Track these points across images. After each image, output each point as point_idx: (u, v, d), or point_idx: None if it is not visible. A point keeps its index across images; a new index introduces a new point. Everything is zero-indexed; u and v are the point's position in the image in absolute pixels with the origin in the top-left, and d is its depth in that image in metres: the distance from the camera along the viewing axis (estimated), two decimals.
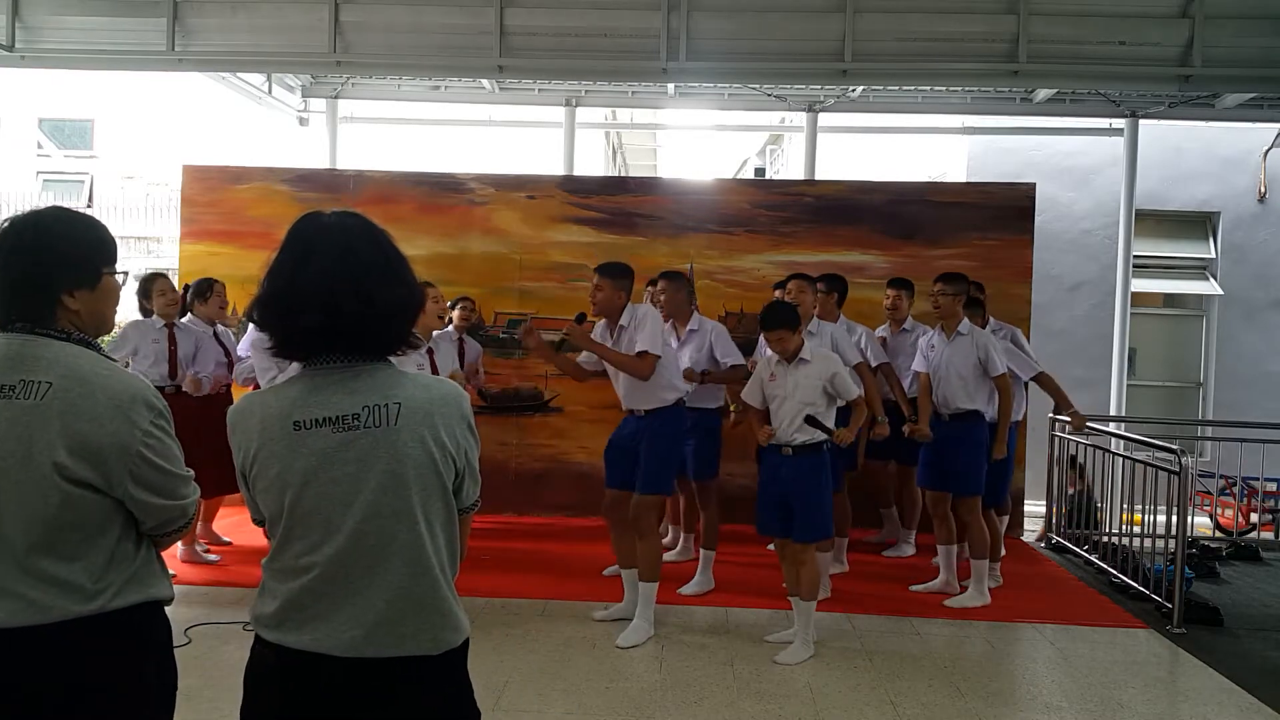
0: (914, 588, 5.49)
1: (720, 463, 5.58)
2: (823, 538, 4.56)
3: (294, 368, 1.77)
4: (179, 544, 5.80)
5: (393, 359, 1.78)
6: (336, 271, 1.68)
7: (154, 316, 5.52)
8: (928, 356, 5.42)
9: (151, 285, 5.57)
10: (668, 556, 5.87)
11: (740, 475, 6.36)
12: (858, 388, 4.62)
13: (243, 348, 5.96)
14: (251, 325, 5.69)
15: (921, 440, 5.38)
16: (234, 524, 6.46)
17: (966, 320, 5.33)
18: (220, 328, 5.90)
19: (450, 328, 6.44)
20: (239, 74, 8.45)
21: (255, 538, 6.29)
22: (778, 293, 5.69)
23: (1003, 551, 5.85)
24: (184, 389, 5.47)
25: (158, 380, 5.47)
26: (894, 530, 6.55)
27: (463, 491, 1.81)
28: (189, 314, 5.77)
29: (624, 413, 4.79)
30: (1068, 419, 6.18)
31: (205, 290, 5.81)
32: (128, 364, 5.49)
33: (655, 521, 4.72)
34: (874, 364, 5.77)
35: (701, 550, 5.50)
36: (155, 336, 5.49)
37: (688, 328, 5.47)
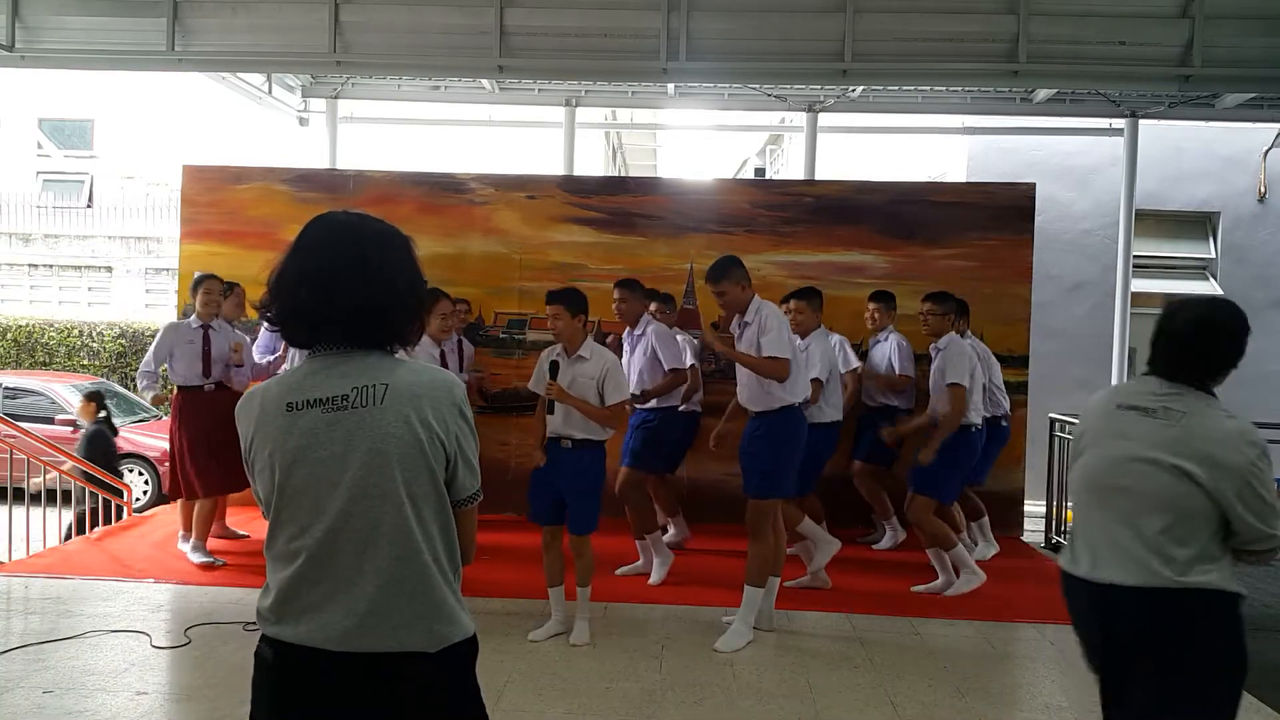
0: (916, 588, 5.51)
1: (677, 464, 5.84)
2: (590, 531, 4.56)
3: None
4: (188, 551, 5.76)
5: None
6: (322, 264, 1.74)
7: (193, 317, 5.76)
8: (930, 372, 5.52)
9: (200, 285, 5.79)
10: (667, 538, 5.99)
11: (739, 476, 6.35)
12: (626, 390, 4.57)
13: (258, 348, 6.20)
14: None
15: (888, 442, 5.72)
16: (244, 520, 6.47)
17: (949, 336, 5.38)
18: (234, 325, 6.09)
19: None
20: (239, 74, 8.45)
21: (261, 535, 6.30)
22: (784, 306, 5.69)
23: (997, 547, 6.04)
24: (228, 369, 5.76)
25: (192, 379, 5.69)
26: (891, 537, 6.57)
27: (457, 480, 1.81)
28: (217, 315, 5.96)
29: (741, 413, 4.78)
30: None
31: (225, 291, 6.00)
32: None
33: (769, 525, 4.62)
34: (843, 370, 5.97)
35: (648, 538, 5.58)
36: (190, 338, 5.71)
37: (635, 332, 5.68)
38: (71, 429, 10.06)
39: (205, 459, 5.64)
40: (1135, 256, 9.39)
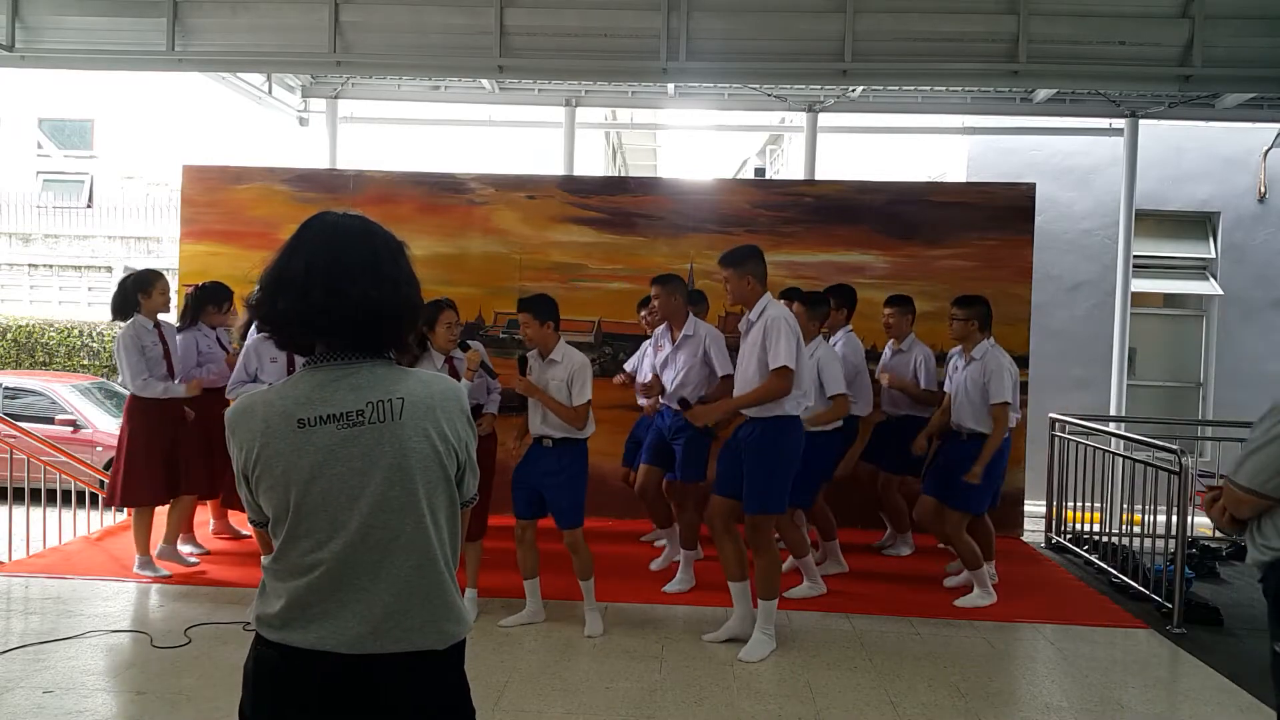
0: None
1: (708, 469, 5.47)
2: (577, 525, 4.65)
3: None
4: (136, 566, 5.60)
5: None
6: (315, 264, 1.72)
7: (142, 316, 5.42)
8: (952, 376, 5.46)
9: (154, 283, 5.48)
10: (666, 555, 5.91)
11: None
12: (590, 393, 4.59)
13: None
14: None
15: (916, 452, 5.61)
16: (237, 522, 6.46)
17: (985, 344, 5.29)
18: (220, 331, 5.92)
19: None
20: (239, 74, 8.45)
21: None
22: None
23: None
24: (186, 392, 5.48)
25: (159, 380, 5.45)
26: (897, 550, 6.56)
27: (464, 484, 1.84)
28: (197, 319, 5.80)
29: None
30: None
31: (225, 299, 5.88)
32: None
33: (771, 538, 4.55)
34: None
35: (682, 550, 5.52)
36: (151, 340, 5.42)
37: (681, 333, 5.45)
38: (71, 429, 10.09)
39: (144, 467, 5.40)
40: (1135, 256, 9.38)
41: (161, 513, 5.69)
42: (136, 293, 5.44)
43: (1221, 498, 2.85)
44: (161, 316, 5.56)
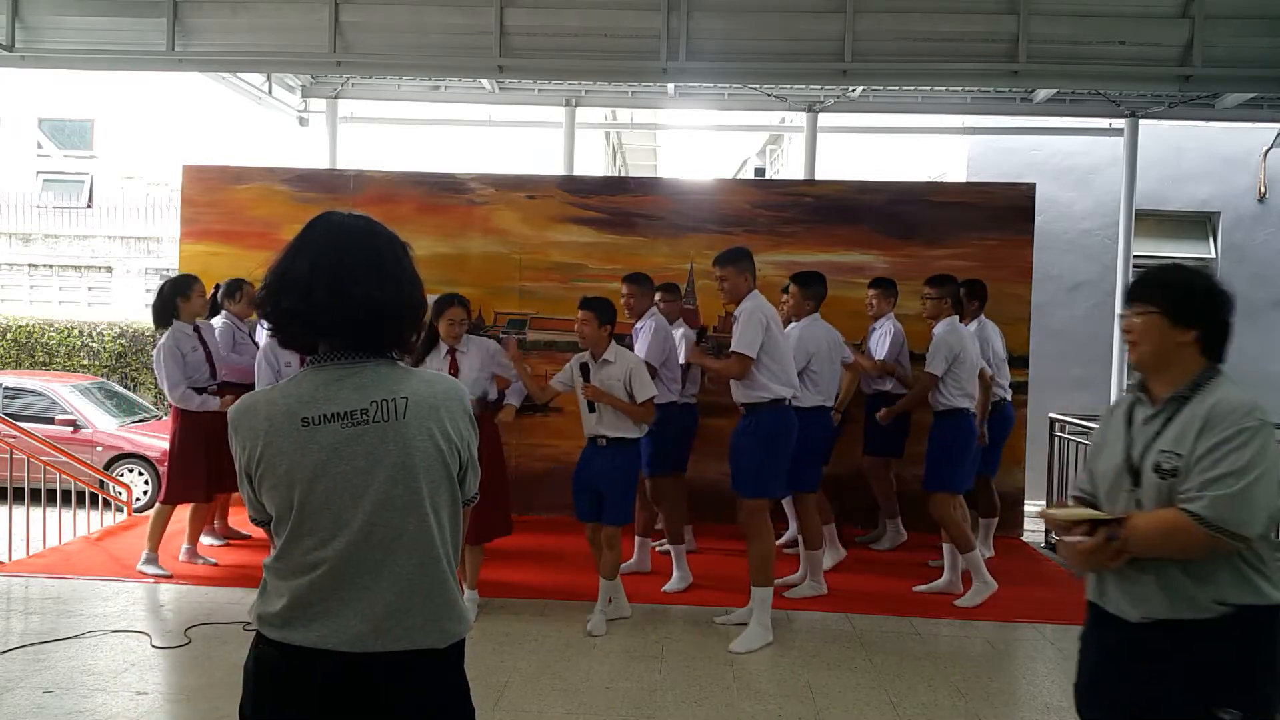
0: (918, 588, 5.51)
1: (686, 461, 5.76)
2: (624, 523, 4.77)
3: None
4: (140, 564, 5.63)
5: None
6: (319, 264, 1.72)
7: (181, 321, 5.53)
8: None
9: (192, 287, 5.62)
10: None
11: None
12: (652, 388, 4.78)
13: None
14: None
15: (881, 422, 5.86)
16: (237, 523, 6.47)
17: (945, 321, 5.37)
18: (247, 322, 6.03)
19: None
20: (239, 74, 8.45)
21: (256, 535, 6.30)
22: (783, 296, 5.73)
23: (991, 552, 5.96)
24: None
25: (201, 382, 5.55)
26: (891, 537, 6.58)
27: (466, 482, 1.84)
28: (222, 312, 5.90)
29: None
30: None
31: (235, 289, 5.95)
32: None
33: (764, 524, 4.65)
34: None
35: (671, 545, 5.56)
36: (194, 344, 5.53)
37: (637, 326, 5.65)
38: (71, 429, 10.08)
39: (187, 466, 5.48)
40: (1135, 256, 9.38)
41: (180, 509, 5.71)
42: (175, 298, 5.55)
43: (1124, 536, 2.08)
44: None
